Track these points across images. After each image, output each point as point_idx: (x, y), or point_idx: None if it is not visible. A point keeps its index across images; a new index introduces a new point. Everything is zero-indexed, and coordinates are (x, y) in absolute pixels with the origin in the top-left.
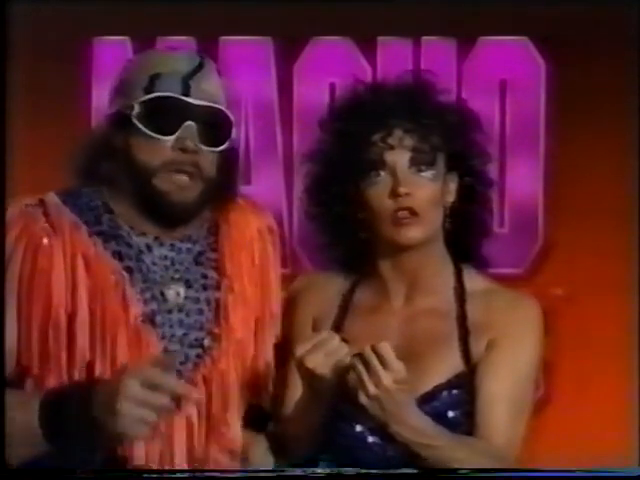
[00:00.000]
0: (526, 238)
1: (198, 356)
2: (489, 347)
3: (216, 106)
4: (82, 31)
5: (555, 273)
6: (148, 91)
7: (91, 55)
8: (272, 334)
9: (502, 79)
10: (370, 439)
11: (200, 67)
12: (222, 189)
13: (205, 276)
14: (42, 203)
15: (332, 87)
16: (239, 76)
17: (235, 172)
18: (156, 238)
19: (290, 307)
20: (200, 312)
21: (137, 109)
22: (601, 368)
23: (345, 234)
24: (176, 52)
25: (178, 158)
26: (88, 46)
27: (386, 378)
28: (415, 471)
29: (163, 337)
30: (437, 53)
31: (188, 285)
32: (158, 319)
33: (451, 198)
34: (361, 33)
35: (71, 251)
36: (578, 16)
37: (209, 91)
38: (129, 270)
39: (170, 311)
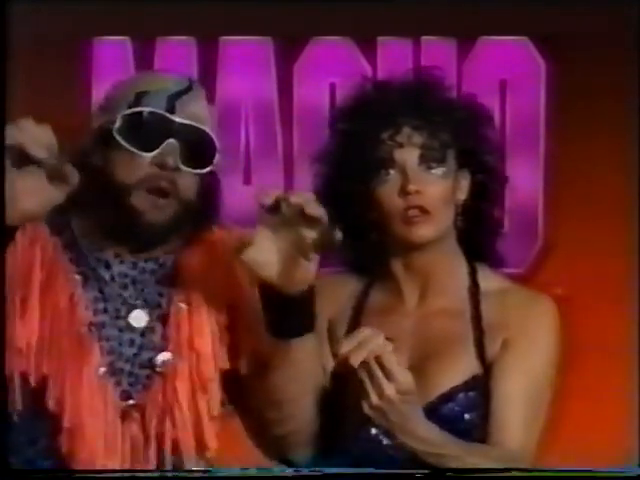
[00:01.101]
0: (526, 238)
1: (148, 377)
2: (504, 347)
3: (201, 127)
4: (82, 31)
5: (555, 273)
6: (133, 107)
7: (91, 55)
8: (248, 344)
9: (502, 79)
10: (385, 441)
11: (188, 89)
12: (199, 216)
13: (161, 294)
14: None
15: (332, 87)
16: (239, 76)
17: (215, 200)
18: (116, 255)
19: None
20: (152, 331)
21: (119, 123)
22: (601, 368)
23: (356, 235)
24: (166, 74)
25: (156, 175)
26: (88, 46)
27: (389, 389)
28: (417, 472)
29: (111, 352)
30: (437, 53)
31: (146, 306)
32: (106, 332)
33: (463, 195)
34: (361, 33)
35: (30, 239)
36: (578, 16)
37: (195, 113)
38: (84, 276)
39: (121, 329)
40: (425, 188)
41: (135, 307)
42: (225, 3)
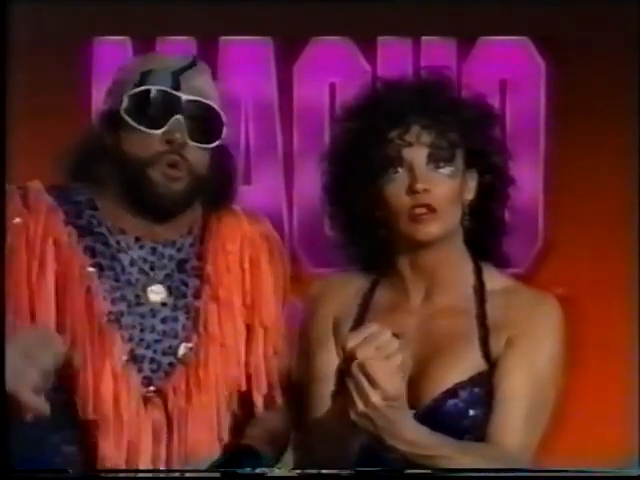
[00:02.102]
0: (526, 238)
1: (170, 364)
2: (507, 345)
3: (206, 102)
4: (82, 31)
5: (555, 273)
6: (138, 86)
7: (91, 55)
8: (268, 343)
9: (502, 79)
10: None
11: (192, 65)
12: (214, 191)
13: (186, 284)
14: (24, 188)
15: (332, 87)
16: (239, 76)
17: (229, 175)
18: (137, 239)
19: (310, 308)
20: (175, 320)
21: (126, 103)
22: (601, 368)
23: (363, 233)
24: (170, 54)
25: (166, 151)
26: (88, 46)
27: (374, 396)
28: (417, 472)
29: (130, 339)
30: (437, 53)
31: (167, 291)
32: (126, 320)
33: (470, 195)
34: (361, 33)
35: (42, 233)
36: (578, 16)
37: (200, 88)
38: (100, 267)
39: (142, 315)
40: (433, 187)
41: (157, 292)
42: (225, 3)
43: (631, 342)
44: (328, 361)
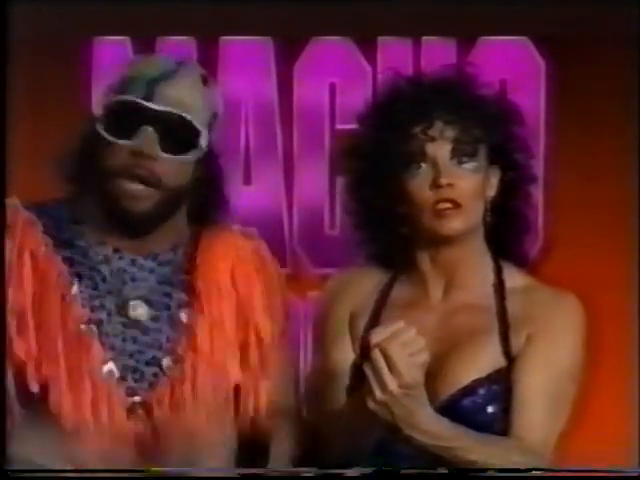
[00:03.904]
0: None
1: (155, 375)
2: (528, 341)
3: (177, 112)
4: (82, 31)
5: (555, 272)
6: (117, 93)
7: (91, 55)
8: (264, 360)
9: (502, 79)
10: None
11: (173, 72)
12: (198, 203)
13: (169, 296)
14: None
15: (332, 87)
16: (239, 76)
17: (214, 187)
18: (115, 250)
19: (326, 303)
20: (158, 331)
21: (100, 112)
22: (601, 368)
23: (386, 229)
24: (154, 56)
25: (133, 163)
26: (88, 46)
27: (392, 383)
28: (418, 472)
29: (113, 348)
30: (437, 53)
31: (148, 303)
32: (107, 329)
33: (492, 192)
34: (361, 33)
35: (19, 247)
36: (578, 16)
37: (175, 97)
38: (78, 276)
39: (124, 325)
40: (456, 182)
41: (138, 304)
42: (225, 3)
43: (631, 341)
44: (344, 357)
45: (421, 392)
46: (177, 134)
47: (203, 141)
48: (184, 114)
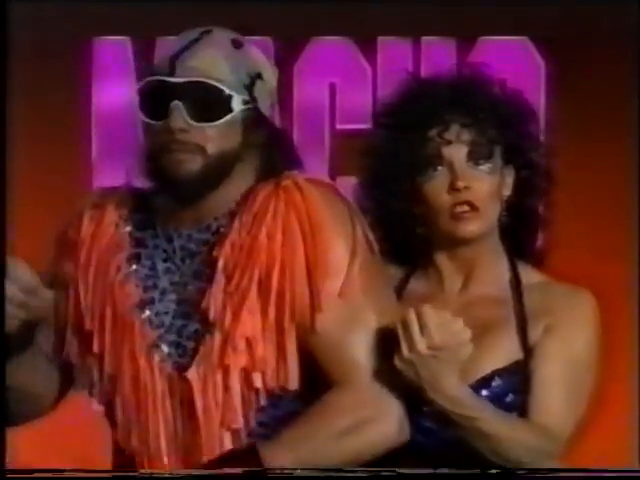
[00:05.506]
0: None
1: (195, 350)
2: (545, 332)
3: (199, 80)
4: (82, 31)
5: (555, 272)
6: (147, 78)
7: (91, 55)
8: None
9: (502, 79)
10: (426, 424)
11: (194, 42)
12: (261, 164)
13: (215, 269)
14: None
15: (332, 87)
16: None
17: (272, 145)
18: (175, 229)
19: None
20: (198, 305)
21: (137, 98)
22: (601, 368)
23: (401, 229)
24: (184, 32)
25: (169, 139)
26: (88, 46)
27: (420, 343)
28: (418, 471)
29: (160, 325)
30: (437, 53)
31: (196, 278)
32: (156, 307)
33: (508, 191)
34: (361, 33)
35: (98, 218)
36: (578, 16)
37: (197, 67)
38: (137, 256)
39: (171, 302)
40: (473, 184)
41: (187, 281)
42: (225, 3)
43: (631, 341)
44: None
45: (449, 357)
46: (206, 102)
47: (236, 104)
48: (208, 81)
